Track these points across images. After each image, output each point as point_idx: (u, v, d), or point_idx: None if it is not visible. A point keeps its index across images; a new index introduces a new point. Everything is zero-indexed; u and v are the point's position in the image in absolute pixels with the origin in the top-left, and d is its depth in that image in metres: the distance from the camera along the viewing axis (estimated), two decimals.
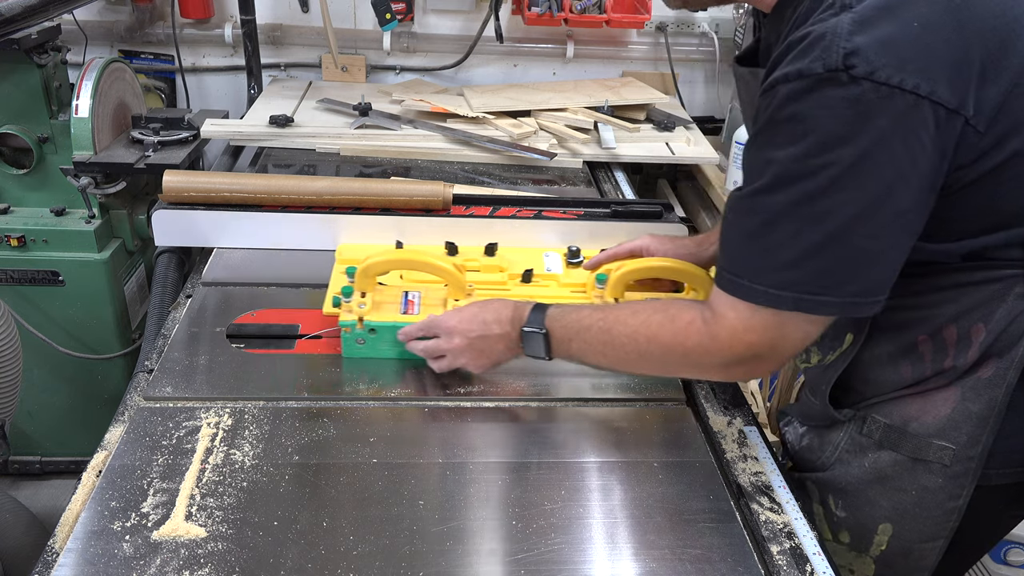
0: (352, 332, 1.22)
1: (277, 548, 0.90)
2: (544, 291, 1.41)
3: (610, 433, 1.13)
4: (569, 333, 1.07)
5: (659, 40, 2.58)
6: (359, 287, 1.25)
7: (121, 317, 2.06)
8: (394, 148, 1.97)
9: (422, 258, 1.26)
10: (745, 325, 0.92)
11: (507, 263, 1.46)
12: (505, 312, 1.12)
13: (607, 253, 1.40)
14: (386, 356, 1.24)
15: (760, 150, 0.89)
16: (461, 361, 1.16)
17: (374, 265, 1.24)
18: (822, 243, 0.85)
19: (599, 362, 1.07)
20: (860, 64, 0.78)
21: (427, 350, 1.18)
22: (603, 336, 1.04)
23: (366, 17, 2.48)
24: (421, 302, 1.27)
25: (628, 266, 1.29)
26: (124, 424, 1.09)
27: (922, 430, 1.02)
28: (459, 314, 1.15)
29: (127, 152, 1.91)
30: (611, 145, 2.02)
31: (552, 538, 0.95)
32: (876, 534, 1.09)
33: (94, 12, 2.44)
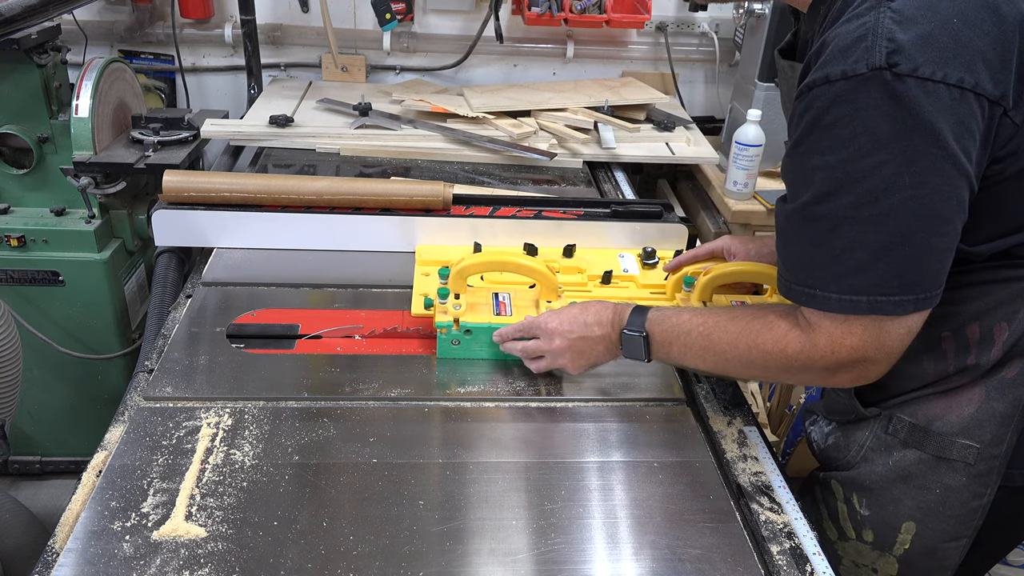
0: (448, 333, 1.23)
1: (277, 548, 0.90)
2: (624, 292, 1.42)
3: (610, 433, 1.13)
4: (669, 337, 1.07)
5: (659, 40, 2.58)
6: (452, 289, 1.26)
7: (121, 317, 2.06)
8: (394, 148, 1.97)
9: (516, 260, 1.27)
10: (842, 330, 0.92)
11: (585, 264, 1.47)
12: (605, 314, 1.13)
13: (687, 255, 1.41)
14: (480, 357, 1.25)
15: (806, 157, 0.88)
16: (561, 362, 1.17)
17: (469, 267, 1.25)
18: (890, 243, 0.85)
19: (698, 366, 1.08)
20: (904, 61, 0.79)
21: (526, 350, 1.19)
22: (704, 341, 1.04)
23: (366, 17, 2.48)
24: (512, 303, 1.29)
25: (716, 270, 1.29)
26: (124, 424, 1.09)
27: (946, 429, 1.02)
28: (559, 315, 1.16)
29: (127, 152, 1.91)
30: (611, 145, 2.02)
31: (552, 538, 0.95)
32: (900, 532, 1.09)
33: (94, 12, 2.44)
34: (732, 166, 2.05)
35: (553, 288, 1.27)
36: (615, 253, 1.54)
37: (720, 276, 1.29)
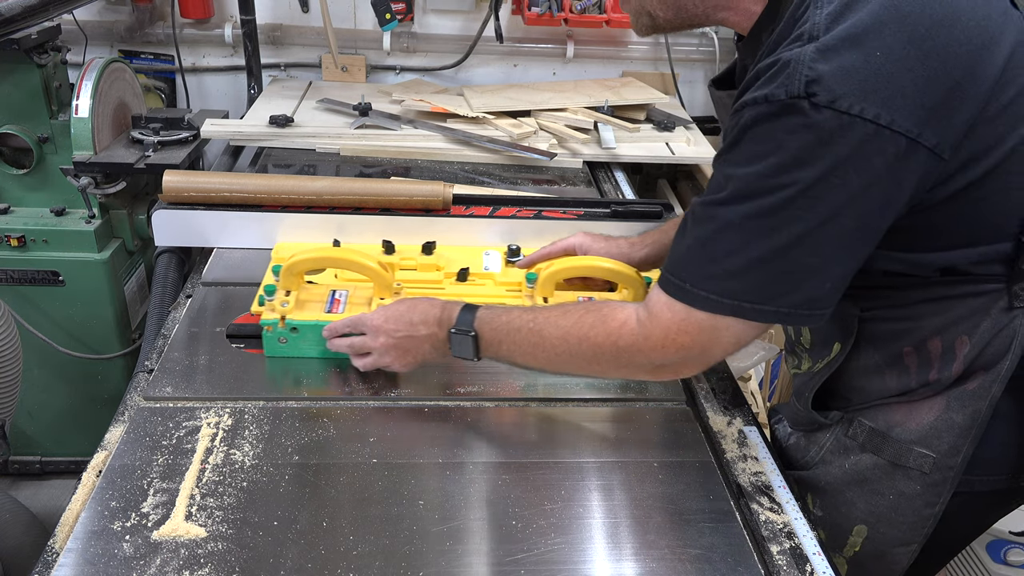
0: (274, 331, 1.21)
1: (277, 548, 0.90)
2: (480, 290, 1.40)
3: (610, 433, 1.13)
4: (499, 335, 1.06)
5: (659, 40, 2.58)
6: (284, 285, 1.24)
7: (121, 317, 2.06)
8: (394, 148, 1.97)
9: (346, 255, 1.25)
10: (680, 327, 0.93)
11: (445, 261, 1.45)
12: (432, 312, 1.11)
13: (541, 251, 1.40)
14: (308, 355, 1.23)
15: (724, 165, 0.91)
16: (385, 360, 1.15)
17: (299, 263, 1.23)
18: (766, 256, 0.87)
19: (528, 363, 1.07)
20: (821, 92, 0.80)
21: (352, 347, 1.17)
22: (533, 337, 1.04)
23: (366, 17, 2.48)
24: (348, 301, 1.26)
25: (556, 265, 1.28)
26: (124, 424, 1.09)
27: (904, 436, 1.03)
28: (385, 312, 1.15)
29: (127, 152, 1.91)
30: (611, 145, 2.02)
31: (552, 538, 0.95)
32: (851, 535, 1.10)
33: (94, 12, 2.44)
34: None
35: (387, 285, 1.24)
36: (481, 250, 1.52)
37: (560, 271, 1.28)
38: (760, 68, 0.87)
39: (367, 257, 1.24)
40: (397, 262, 1.41)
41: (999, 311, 0.95)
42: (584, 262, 1.31)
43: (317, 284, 1.32)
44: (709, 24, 1.04)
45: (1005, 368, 0.96)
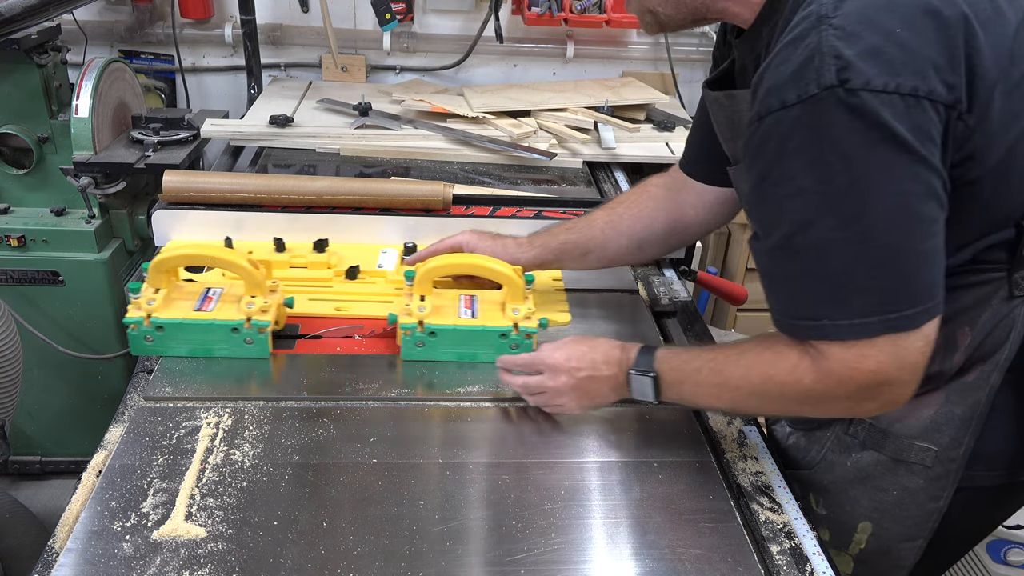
0: (139, 329, 1.20)
1: (277, 548, 0.90)
2: (370, 288, 1.40)
3: (610, 433, 1.13)
4: (680, 376, 1.03)
5: (659, 40, 2.58)
6: (152, 283, 1.23)
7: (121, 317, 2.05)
8: (394, 148, 1.97)
9: (212, 252, 1.23)
10: (855, 354, 0.87)
11: (337, 259, 1.45)
12: (613, 353, 1.08)
13: (429, 248, 1.38)
14: (177, 354, 1.21)
15: (776, 188, 0.86)
16: (561, 401, 1.11)
17: (164, 260, 1.21)
18: (885, 257, 0.83)
19: (713, 404, 1.03)
20: (854, 77, 0.78)
21: (527, 386, 1.14)
22: (715, 378, 0.99)
23: (366, 17, 2.48)
24: (220, 299, 1.25)
25: (432, 262, 1.27)
26: (124, 424, 1.09)
27: (905, 431, 1.03)
28: (566, 351, 1.11)
29: (127, 152, 1.91)
30: (611, 145, 2.02)
31: (552, 538, 0.95)
32: (856, 532, 1.09)
33: (94, 12, 2.44)
34: None
35: (256, 283, 1.22)
36: (379, 248, 1.51)
37: (435, 269, 1.26)
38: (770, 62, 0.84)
39: (236, 255, 1.22)
40: (287, 260, 1.40)
41: (1000, 301, 0.94)
42: (459, 260, 1.29)
43: (196, 282, 1.31)
44: (711, 17, 1.01)
45: (1004, 357, 0.96)
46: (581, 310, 1.43)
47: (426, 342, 1.22)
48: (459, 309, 1.27)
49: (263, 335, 1.21)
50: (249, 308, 1.20)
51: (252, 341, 1.21)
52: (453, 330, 1.22)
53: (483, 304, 1.28)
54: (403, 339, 1.23)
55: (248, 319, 1.20)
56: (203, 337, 1.21)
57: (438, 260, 1.27)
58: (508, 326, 1.23)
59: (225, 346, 1.21)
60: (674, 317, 1.44)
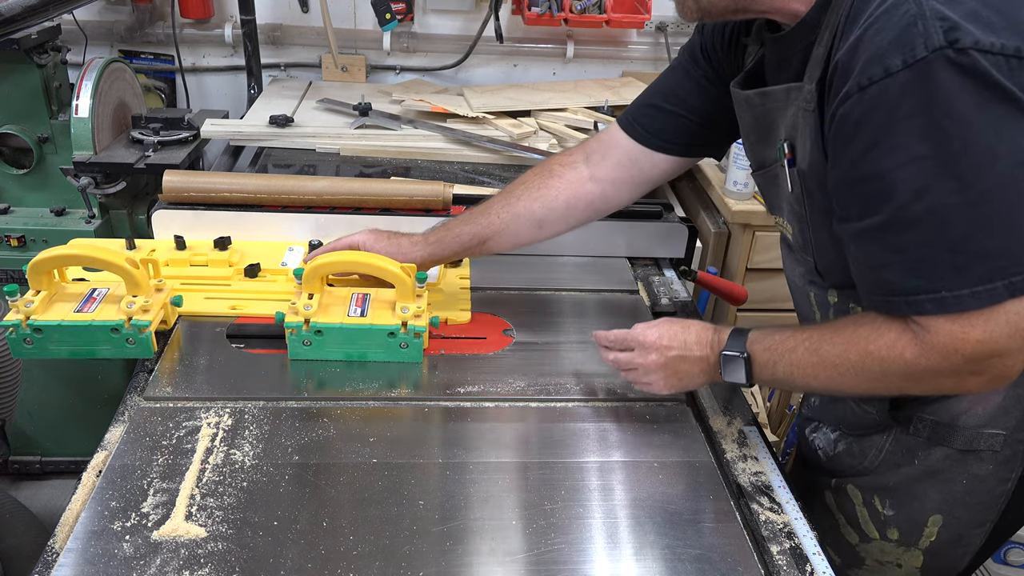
0: (18, 332, 1.18)
1: (277, 548, 0.90)
2: (269, 287, 1.39)
3: (610, 433, 1.13)
4: (773, 356, 1.00)
5: (659, 40, 2.58)
6: (34, 285, 1.22)
7: None
8: (394, 148, 1.97)
9: (88, 253, 1.21)
10: (961, 324, 0.83)
11: (239, 257, 1.44)
12: (705, 335, 1.07)
13: (326, 246, 1.36)
14: (56, 356, 1.20)
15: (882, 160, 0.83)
16: (651, 379, 1.11)
17: (40, 262, 1.20)
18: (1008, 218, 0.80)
19: (809, 384, 0.99)
20: (963, 36, 0.77)
21: (617, 362, 1.14)
22: (811, 357, 0.96)
23: (366, 17, 2.48)
24: (104, 299, 1.23)
25: (319, 260, 1.25)
26: (124, 424, 1.09)
27: (973, 421, 1.01)
28: (659, 329, 1.10)
29: (127, 152, 1.91)
30: None
31: (552, 538, 0.95)
32: (926, 527, 1.08)
33: (94, 12, 2.44)
34: (732, 166, 2.05)
35: (136, 282, 1.20)
36: (285, 246, 1.51)
37: (324, 266, 1.24)
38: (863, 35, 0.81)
39: (113, 255, 1.21)
40: (187, 258, 1.40)
41: None
42: (346, 257, 1.27)
43: (86, 282, 1.30)
44: (755, 10, 0.98)
45: None
46: (580, 310, 1.43)
47: (313, 341, 1.21)
48: (349, 307, 1.25)
49: (144, 335, 1.19)
50: (130, 308, 1.19)
51: (134, 342, 1.19)
52: (340, 328, 1.21)
53: (375, 303, 1.27)
54: (289, 338, 1.22)
55: (129, 319, 1.18)
56: (84, 338, 1.19)
57: (325, 258, 1.25)
58: (396, 324, 1.22)
59: (107, 347, 1.19)
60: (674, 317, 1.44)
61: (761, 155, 1.09)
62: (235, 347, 1.26)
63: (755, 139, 1.09)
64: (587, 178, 1.31)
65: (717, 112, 1.19)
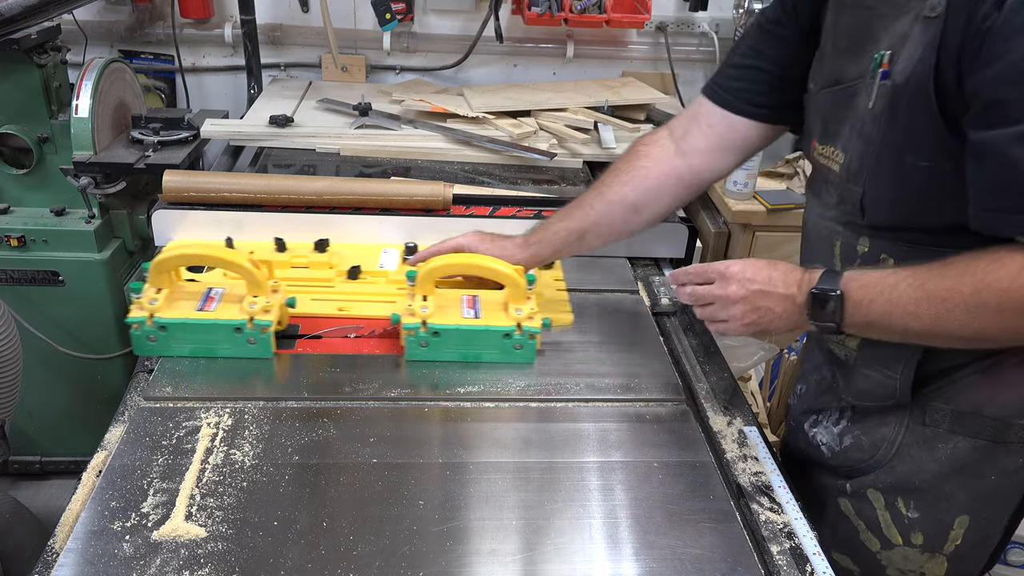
0: (143, 329, 1.19)
1: (277, 548, 0.90)
2: (371, 288, 1.40)
3: (610, 433, 1.13)
4: (870, 293, 0.92)
5: (659, 40, 2.58)
6: (154, 283, 1.23)
7: (121, 317, 2.05)
8: (394, 148, 1.97)
9: (213, 252, 1.23)
10: None
11: (339, 259, 1.45)
12: (794, 274, 1.00)
13: (430, 249, 1.36)
14: (177, 354, 1.21)
15: None
16: (729, 313, 1.03)
17: (164, 261, 1.21)
18: None
19: (908, 324, 0.91)
20: None
21: (695, 295, 1.07)
22: (915, 292, 0.89)
23: (366, 17, 2.48)
24: (222, 299, 1.25)
25: (434, 262, 1.26)
26: (124, 424, 1.09)
27: (1002, 412, 0.99)
28: (743, 262, 1.03)
29: (127, 152, 1.91)
30: (611, 145, 2.02)
31: (552, 538, 0.95)
32: (952, 529, 1.05)
33: (94, 12, 2.44)
34: None
35: (257, 283, 1.22)
36: (380, 248, 1.52)
37: (436, 269, 1.26)
38: None
39: (238, 255, 1.22)
40: (288, 260, 1.40)
41: None
42: (461, 260, 1.29)
43: (198, 282, 1.31)
44: None
45: None
46: (580, 310, 1.43)
47: (429, 342, 1.22)
48: (462, 309, 1.27)
49: (266, 335, 1.21)
50: (251, 308, 1.20)
51: (255, 341, 1.21)
52: (456, 330, 1.22)
53: (485, 304, 1.28)
54: (407, 339, 1.23)
55: (251, 319, 1.20)
56: (206, 337, 1.21)
57: (440, 260, 1.26)
58: (511, 326, 1.23)
59: (228, 346, 1.21)
60: (674, 317, 1.44)
61: (841, 69, 1.02)
62: None
63: (844, 47, 1.02)
64: (673, 153, 1.25)
65: (796, 64, 1.13)
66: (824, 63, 1.07)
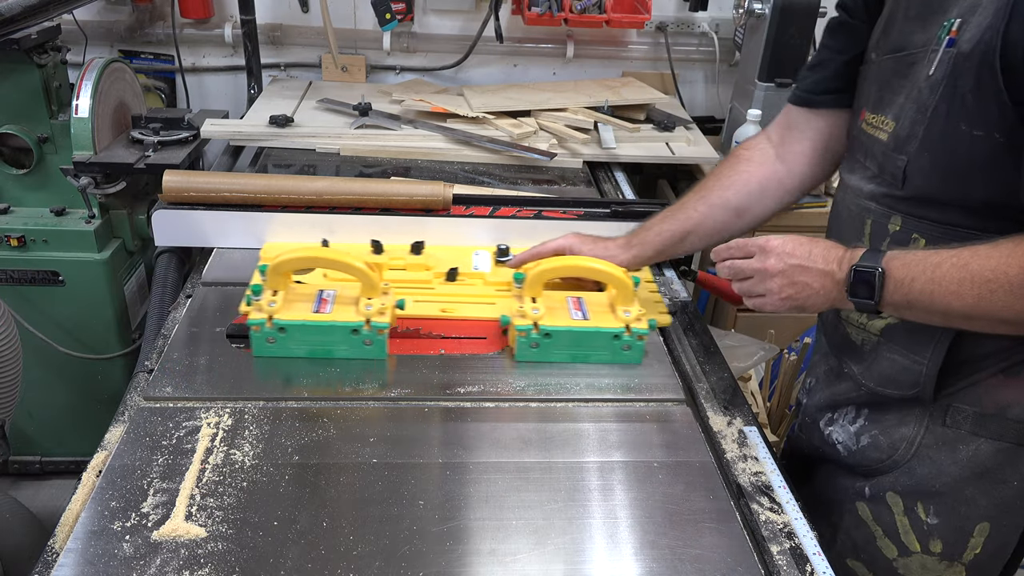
0: (262, 330, 1.20)
1: (277, 548, 0.90)
2: (469, 290, 1.41)
3: (610, 433, 1.13)
4: (912, 271, 0.92)
5: (659, 40, 2.58)
6: (271, 285, 1.23)
7: (121, 317, 2.06)
8: (394, 148, 1.97)
9: (334, 256, 1.24)
10: None
11: (435, 261, 1.46)
12: (834, 251, 1.00)
13: (531, 251, 1.38)
14: (296, 355, 1.22)
15: None
16: (767, 286, 1.03)
17: (285, 263, 1.22)
18: None
19: (950, 304, 0.89)
20: None
21: (734, 269, 1.07)
22: (958, 272, 0.88)
23: (366, 17, 2.48)
24: (335, 300, 1.25)
25: (544, 264, 1.27)
26: (124, 424, 1.09)
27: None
28: (784, 237, 1.03)
29: (127, 152, 1.91)
30: (611, 145, 2.02)
31: (552, 538, 0.95)
32: (972, 536, 1.04)
33: (94, 12, 2.44)
34: None
35: (373, 285, 1.23)
36: (471, 250, 1.53)
37: (548, 271, 1.27)
38: None
39: (354, 257, 1.24)
40: (386, 262, 1.41)
41: None
42: (571, 262, 1.30)
43: (305, 284, 1.32)
44: None
45: None
46: None
47: (540, 343, 1.23)
48: (569, 311, 1.27)
49: (382, 336, 1.22)
50: (367, 310, 1.21)
51: (371, 343, 1.22)
52: (567, 331, 1.23)
53: (591, 306, 1.29)
54: (518, 340, 1.24)
55: (367, 321, 1.21)
56: (323, 339, 1.22)
57: (551, 263, 1.27)
58: (621, 327, 1.24)
59: (344, 347, 1.22)
60: (674, 317, 1.44)
61: (908, 36, 1.01)
62: (235, 347, 1.26)
63: (914, 15, 1.01)
64: (774, 157, 1.27)
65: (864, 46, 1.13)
66: (891, 31, 1.06)
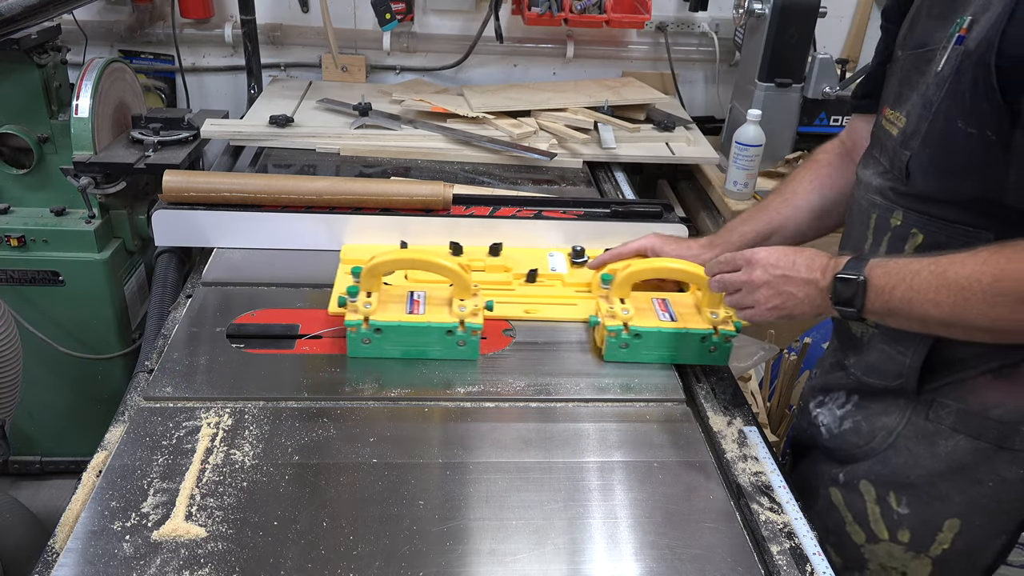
0: (358, 332, 1.22)
1: (277, 548, 0.90)
2: (549, 291, 1.42)
3: (610, 433, 1.13)
4: (892, 280, 0.94)
5: (659, 40, 2.58)
6: (364, 287, 1.25)
7: (121, 317, 2.06)
8: (394, 148, 1.97)
9: (429, 258, 1.26)
10: None
11: (512, 263, 1.47)
12: (818, 260, 1.03)
13: (612, 252, 1.39)
14: (391, 356, 1.24)
15: None
16: (754, 298, 1.06)
17: (380, 265, 1.23)
18: None
19: (928, 312, 0.92)
20: None
21: (722, 282, 1.11)
22: (937, 280, 0.90)
23: (366, 17, 2.48)
24: (426, 301, 1.27)
25: (635, 266, 1.29)
26: (124, 424, 1.09)
27: (1009, 416, 0.98)
28: (770, 249, 1.07)
29: (127, 152, 1.91)
30: (611, 145, 2.02)
31: (552, 538, 0.95)
32: (940, 531, 1.05)
33: (94, 12, 2.44)
34: (732, 166, 2.05)
35: (466, 287, 1.24)
36: (545, 252, 1.53)
37: (639, 272, 1.28)
38: None
39: (449, 259, 1.25)
40: (467, 263, 1.41)
41: None
42: (659, 263, 1.31)
43: (392, 285, 1.33)
44: None
45: None
46: None
47: (630, 344, 1.24)
48: (656, 312, 1.28)
49: (475, 337, 1.23)
50: (461, 311, 1.22)
51: (464, 343, 1.23)
52: (657, 332, 1.24)
53: (677, 307, 1.30)
54: (607, 341, 1.24)
55: (462, 322, 1.21)
56: (418, 339, 1.23)
57: (640, 264, 1.28)
58: (709, 329, 1.24)
59: (439, 348, 1.23)
60: None
61: (928, 33, 1.03)
62: (235, 347, 1.26)
63: (936, 13, 1.03)
64: (849, 161, 1.28)
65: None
66: (915, 27, 1.08)
